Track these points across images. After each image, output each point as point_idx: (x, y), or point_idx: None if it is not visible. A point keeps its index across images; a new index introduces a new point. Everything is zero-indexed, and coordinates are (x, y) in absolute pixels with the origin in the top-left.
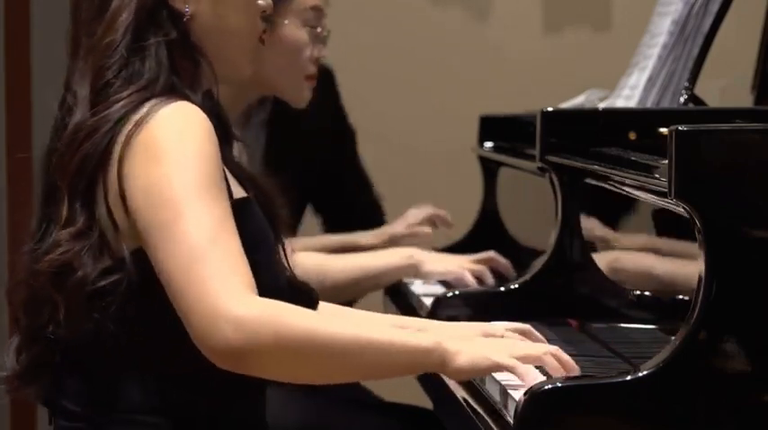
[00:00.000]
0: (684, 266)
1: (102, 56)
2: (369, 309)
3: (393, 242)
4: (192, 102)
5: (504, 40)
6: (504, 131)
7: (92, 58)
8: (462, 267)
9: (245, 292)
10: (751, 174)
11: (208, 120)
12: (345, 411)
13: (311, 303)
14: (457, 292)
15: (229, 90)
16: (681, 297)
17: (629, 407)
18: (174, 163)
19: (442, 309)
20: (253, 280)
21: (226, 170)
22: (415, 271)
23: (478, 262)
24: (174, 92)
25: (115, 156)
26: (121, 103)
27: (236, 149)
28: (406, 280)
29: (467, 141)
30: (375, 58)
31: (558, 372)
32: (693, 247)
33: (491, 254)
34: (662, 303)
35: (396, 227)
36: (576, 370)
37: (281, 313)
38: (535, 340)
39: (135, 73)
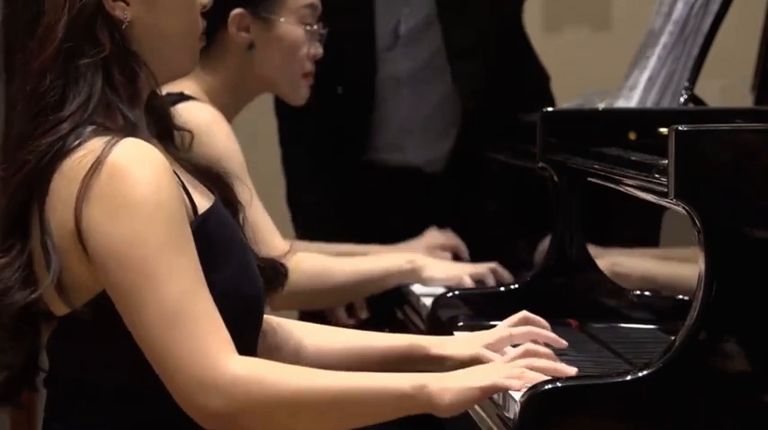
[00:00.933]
0: (684, 266)
1: (37, 77)
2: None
3: None
4: (135, 127)
5: None
6: (505, 131)
7: (26, 78)
8: (464, 272)
9: (224, 354)
10: (751, 174)
11: (156, 151)
12: None
13: (281, 278)
14: (457, 292)
15: (229, 93)
16: (681, 297)
17: (629, 407)
18: (143, 222)
19: (442, 309)
20: (229, 337)
21: (187, 178)
22: (417, 276)
23: (481, 268)
24: (110, 111)
25: (58, 192)
26: (53, 130)
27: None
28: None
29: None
30: None
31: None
32: (693, 247)
33: (493, 265)
34: (662, 303)
35: (414, 246)
36: (562, 372)
37: (265, 375)
38: (540, 326)
39: (68, 95)
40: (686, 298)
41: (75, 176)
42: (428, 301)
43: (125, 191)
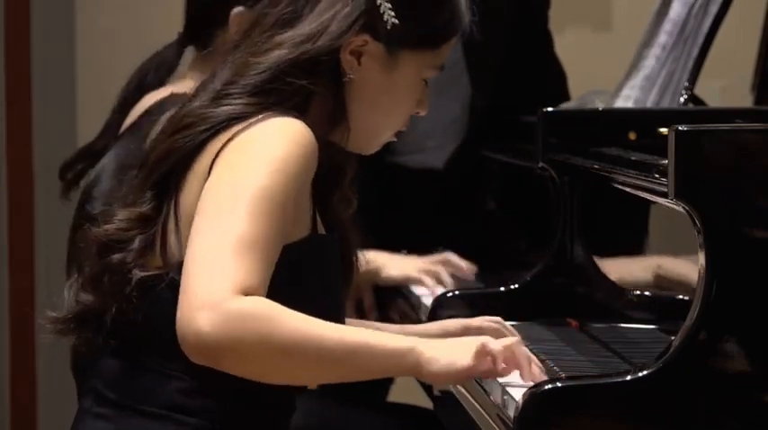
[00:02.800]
0: (684, 266)
1: (243, 69)
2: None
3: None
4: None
5: None
6: (505, 131)
7: (242, 65)
8: (419, 270)
9: (245, 291)
10: (751, 174)
11: (314, 143)
12: (345, 411)
13: None
14: (457, 292)
15: None
16: (681, 297)
17: (629, 407)
18: (262, 166)
19: (442, 309)
20: (265, 286)
21: (314, 205)
22: (374, 276)
23: (434, 263)
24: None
25: (212, 150)
26: (231, 107)
27: None
28: None
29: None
30: None
31: (524, 369)
32: (693, 247)
33: (446, 255)
34: (662, 303)
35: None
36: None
37: (265, 314)
38: (508, 334)
39: (261, 93)
40: (686, 298)
41: (227, 136)
42: (428, 301)
43: (259, 141)
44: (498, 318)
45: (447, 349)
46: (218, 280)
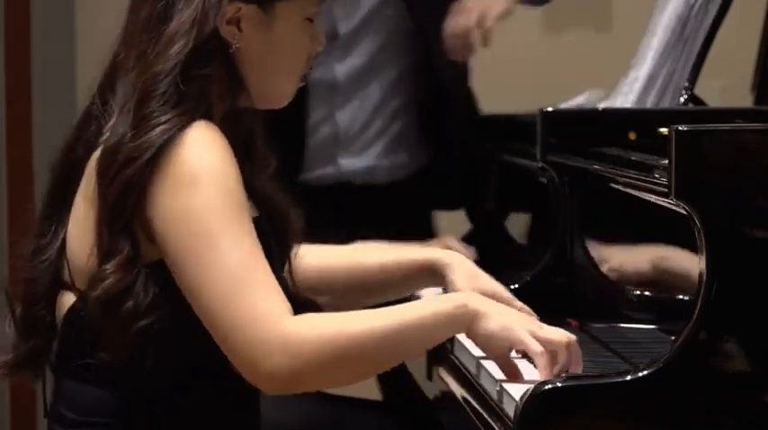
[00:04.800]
0: (684, 266)
1: (152, 82)
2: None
3: None
4: (215, 123)
5: (504, 40)
6: (504, 131)
7: (139, 74)
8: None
9: (286, 316)
10: (751, 174)
11: (224, 137)
12: (345, 411)
13: None
14: None
15: None
16: (681, 297)
17: (629, 407)
18: (206, 190)
19: None
20: (287, 302)
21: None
22: None
23: None
24: (208, 119)
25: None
26: (161, 128)
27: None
28: None
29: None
30: None
31: (563, 369)
32: (693, 247)
33: (448, 240)
34: (662, 303)
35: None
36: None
37: (325, 328)
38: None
39: (178, 99)
40: (686, 298)
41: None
42: None
43: (188, 162)
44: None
45: (502, 311)
46: (257, 319)
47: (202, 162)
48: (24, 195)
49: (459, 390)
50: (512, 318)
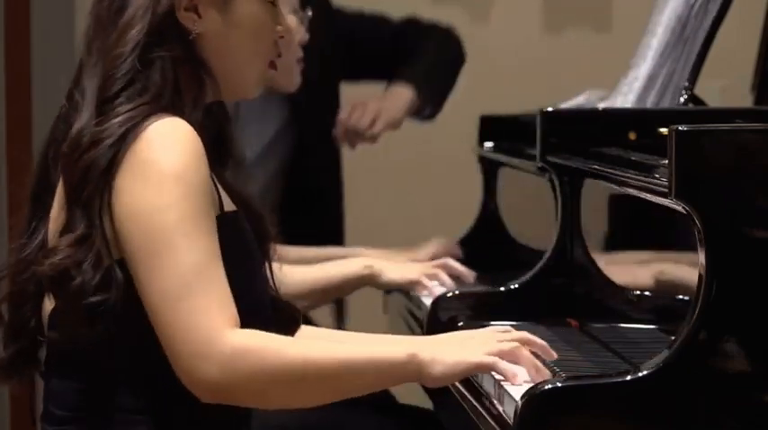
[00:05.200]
0: (684, 266)
1: (112, 65)
2: (367, 311)
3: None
4: (186, 118)
5: (504, 40)
6: (504, 131)
7: (102, 63)
8: (419, 273)
9: (228, 328)
10: (751, 174)
11: (197, 136)
12: (345, 411)
13: (294, 323)
14: (457, 292)
15: None
16: (681, 297)
17: (629, 407)
18: (169, 190)
19: (442, 310)
20: (236, 313)
21: (218, 184)
22: (375, 280)
23: (435, 267)
24: (175, 108)
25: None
26: (126, 115)
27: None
28: None
29: (467, 141)
30: None
31: (533, 366)
32: (693, 248)
33: (447, 260)
34: (662, 303)
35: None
36: (550, 356)
37: (264, 347)
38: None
39: (142, 86)
40: (686, 298)
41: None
42: (428, 301)
43: (153, 160)
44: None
45: (450, 348)
46: (199, 325)
47: (168, 159)
48: (24, 195)
49: (459, 390)
50: (457, 354)
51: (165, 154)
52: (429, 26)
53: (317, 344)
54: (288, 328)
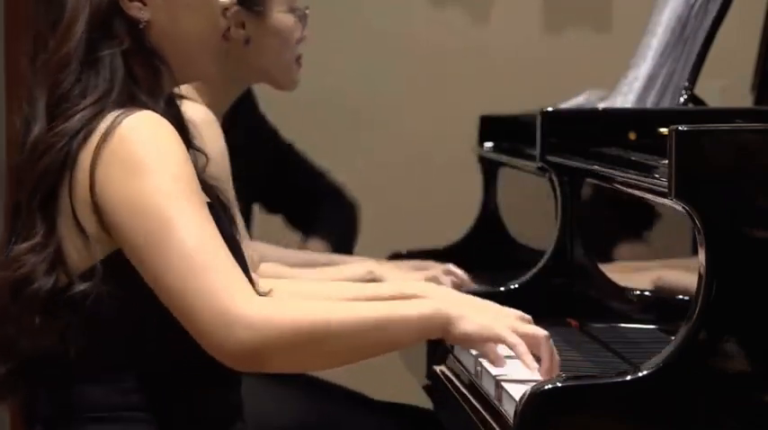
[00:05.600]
0: (684, 266)
1: (57, 69)
2: None
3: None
4: (154, 110)
5: (504, 40)
6: (504, 131)
7: (47, 70)
8: (420, 278)
9: (250, 293)
10: (751, 174)
11: (170, 125)
12: (345, 411)
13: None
14: None
15: (223, 89)
16: (681, 297)
17: (629, 407)
18: (155, 175)
19: None
20: (247, 280)
21: None
22: None
23: (435, 271)
24: (133, 101)
25: (82, 166)
26: (77, 116)
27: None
28: None
29: (467, 141)
30: (376, 58)
31: (551, 358)
32: (693, 248)
33: (449, 266)
34: (662, 303)
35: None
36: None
37: (290, 308)
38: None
39: (90, 85)
40: (686, 298)
41: (90, 144)
42: None
43: (138, 150)
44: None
45: (480, 310)
46: (219, 297)
47: (147, 146)
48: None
49: (459, 390)
50: (489, 317)
51: (145, 146)
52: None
53: (341, 305)
54: None
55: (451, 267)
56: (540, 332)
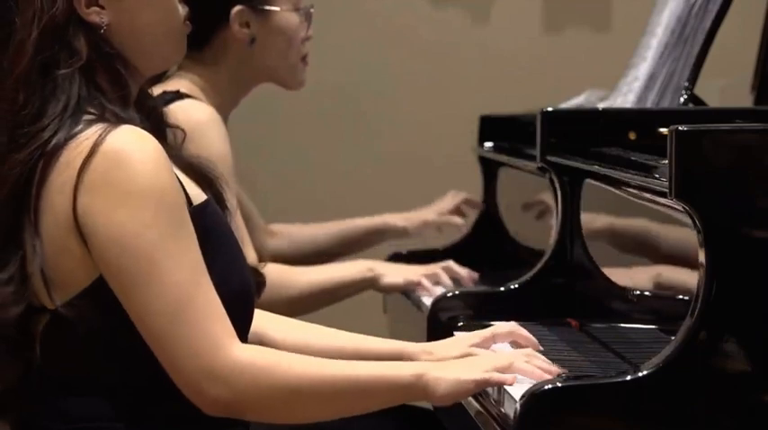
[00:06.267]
0: (684, 266)
1: (10, 95)
2: (367, 311)
3: (424, 226)
4: (132, 122)
5: (504, 40)
6: (504, 131)
7: (3, 92)
8: (420, 275)
9: (229, 342)
10: (751, 174)
11: (154, 139)
12: None
13: (261, 286)
14: (457, 292)
15: (230, 89)
16: (681, 297)
17: (629, 407)
18: (143, 210)
19: (441, 310)
20: (231, 326)
21: (180, 174)
22: (375, 284)
23: (435, 267)
24: (104, 113)
25: (58, 188)
26: (40, 135)
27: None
28: None
29: (467, 141)
30: (376, 58)
31: (536, 375)
32: (693, 247)
33: (449, 263)
34: (662, 303)
35: (427, 213)
36: (552, 371)
37: (270, 362)
38: (523, 340)
39: (46, 107)
40: (686, 298)
41: (70, 163)
42: (428, 301)
43: (125, 179)
44: (513, 324)
45: (457, 365)
46: (200, 344)
47: (135, 174)
48: None
49: None
50: (461, 372)
51: (131, 171)
52: None
53: (324, 362)
54: (257, 292)
55: (450, 264)
56: (514, 357)
